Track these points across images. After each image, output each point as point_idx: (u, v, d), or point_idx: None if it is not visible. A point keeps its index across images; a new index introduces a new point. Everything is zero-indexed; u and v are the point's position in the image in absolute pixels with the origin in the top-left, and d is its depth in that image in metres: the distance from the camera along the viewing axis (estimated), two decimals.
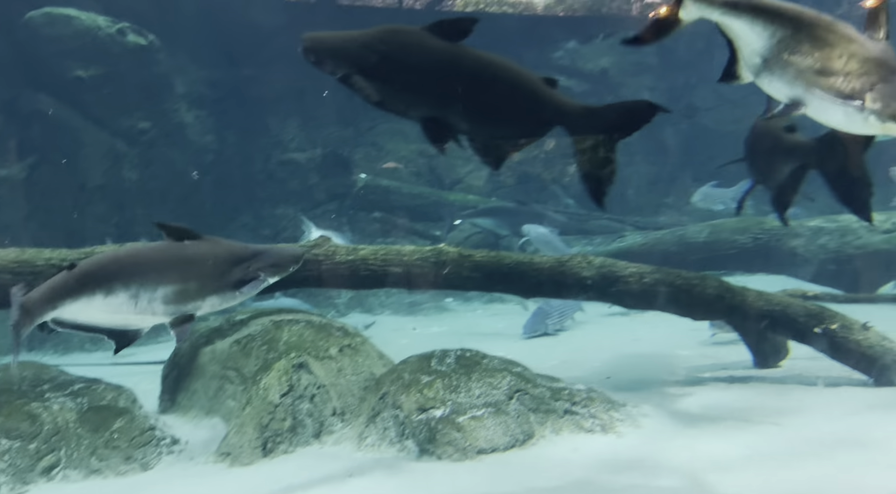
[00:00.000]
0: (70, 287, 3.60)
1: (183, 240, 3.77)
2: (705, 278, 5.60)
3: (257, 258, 3.86)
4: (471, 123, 3.70)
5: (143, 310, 3.64)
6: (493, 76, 3.65)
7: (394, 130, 13.92)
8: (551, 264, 5.87)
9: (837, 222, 8.85)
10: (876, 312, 6.58)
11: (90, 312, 3.65)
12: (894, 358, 4.87)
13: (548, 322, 8.20)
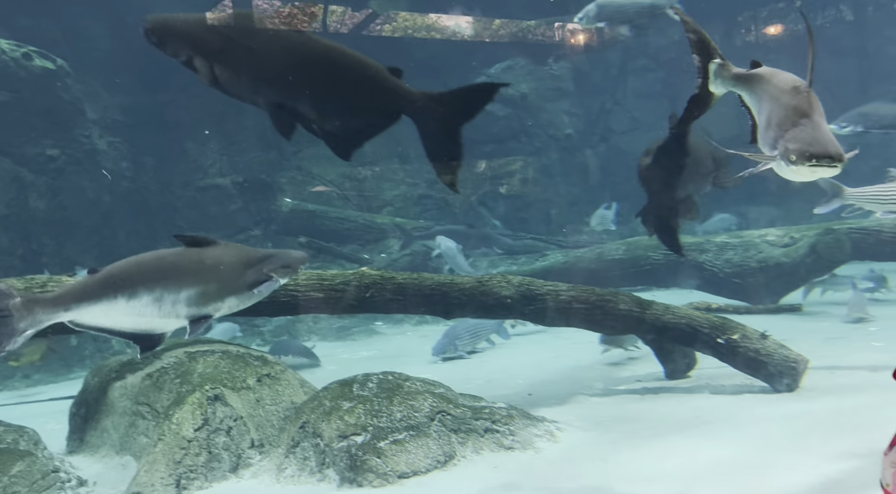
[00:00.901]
0: (92, 290, 3.72)
1: (200, 246, 3.95)
2: (617, 294, 5.79)
3: (269, 260, 4.06)
4: (317, 112, 3.69)
5: (167, 313, 3.78)
6: (338, 64, 3.66)
7: (319, 154, 13.83)
8: (472, 284, 5.93)
9: (741, 237, 9.32)
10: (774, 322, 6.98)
11: (113, 316, 3.77)
12: (791, 365, 5.14)
13: (457, 343, 8.14)
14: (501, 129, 14.64)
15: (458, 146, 3.82)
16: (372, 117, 3.80)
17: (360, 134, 3.85)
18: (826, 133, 3.36)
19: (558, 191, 14.49)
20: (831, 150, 3.29)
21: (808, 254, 8.48)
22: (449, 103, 3.85)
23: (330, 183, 13.40)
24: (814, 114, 3.45)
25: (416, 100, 3.80)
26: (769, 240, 9.10)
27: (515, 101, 14.62)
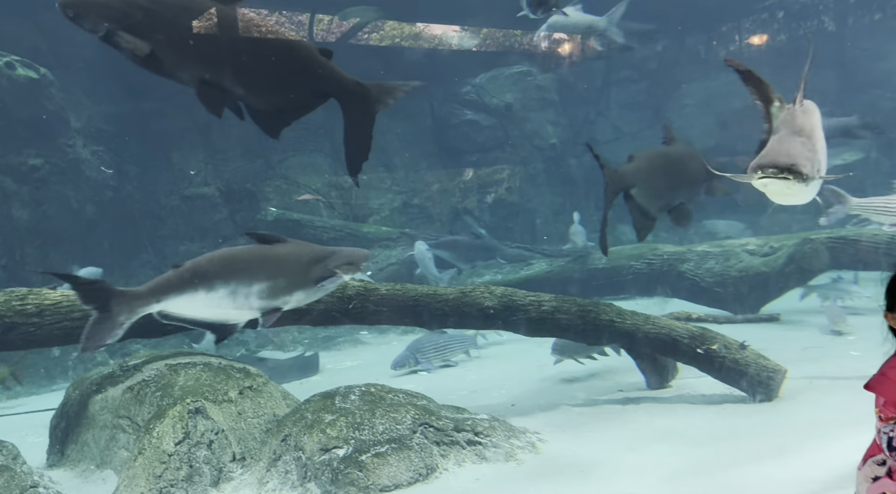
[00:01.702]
0: (175, 283, 4.04)
1: (270, 244, 4.27)
2: (598, 305, 5.84)
3: (334, 257, 4.35)
4: (245, 89, 3.68)
5: (241, 305, 4.10)
6: (267, 41, 3.66)
7: (305, 163, 13.84)
8: (455, 295, 5.97)
9: (722, 246, 9.43)
10: (753, 331, 7.05)
11: (194, 307, 4.10)
12: (769, 375, 5.21)
13: (419, 356, 7.97)
14: (486, 139, 14.71)
15: (370, 137, 3.91)
16: (301, 96, 3.81)
17: (290, 113, 3.86)
18: (788, 145, 3.42)
19: (543, 201, 14.58)
20: (779, 161, 3.34)
21: (787, 264, 8.59)
22: (373, 92, 3.91)
23: (315, 191, 13.40)
24: (792, 128, 3.53)
25: (347, 85, 3.84)
26: (749, 250, 9.21)
27: (500, 111, 14.72)
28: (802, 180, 3.44)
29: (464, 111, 14.74)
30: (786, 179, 3.39)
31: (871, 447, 2.24)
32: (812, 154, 3.57)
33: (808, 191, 3.66)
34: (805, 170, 3.44)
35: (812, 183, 3.58)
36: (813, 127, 3.74)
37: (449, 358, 8.23)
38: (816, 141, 3.72)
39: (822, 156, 3.75)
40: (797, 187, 3.45)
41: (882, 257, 8.37)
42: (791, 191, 3.52)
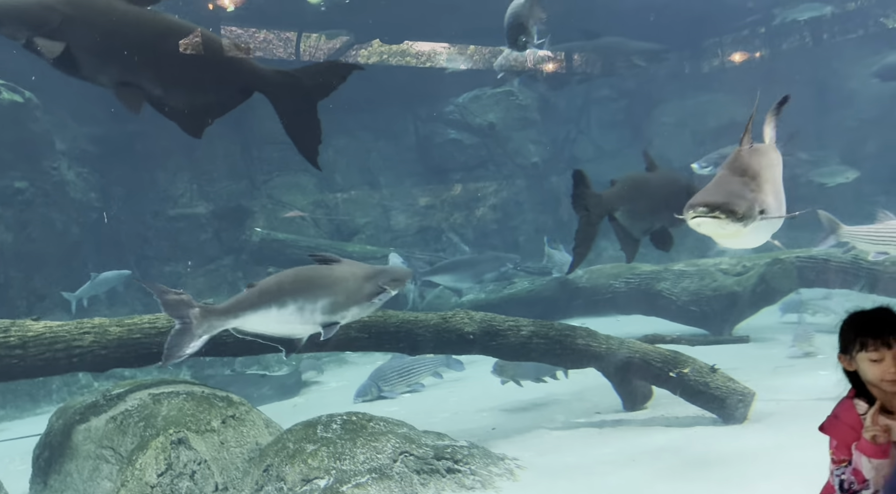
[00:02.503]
0: (250, 301, 4.36)
1: (329, 264, 4.71)
2: (575, 329, 5.99)
3: (382, 274, 4.78)
4: (164, 89, 3.71)
5: (306, 320, 4.45)
6: (182, 40, 3.69)
7: (290, 183, 13.95)
8: (436, 321, 6.09)
9: (697, 266, 9.63)
10: (725, 351, 7.22)
11: (266, 323, 4.41)
12: (739, 398, 5.37)
13: (381, 384, 7.89)
14: (469, 158, 14.90)
15: (316, 122, 3.95)
16: (221, 94, 3.86)
17: (210, 111, 3.91)
18: (724, 185, 3.48)
19: (526, 218, 14.77)
20: (709, 200, 3.36)
21: (759, 283, 8.82)
22: (304, 80, 3.96)
23: (302, 210, 13.50)
24: (734, 169, 3.63)
25: (269, 78, 3.89)
26: (723, 269, 9.42)
27: (483, 130, 14.93)
28: (737, 220, 3.32)
29: (447, 130, 14.93)
30: (717, 219, 3.31)
31: (826, 487, 2.31)
32: (754, 195, 3.48)
33: (749, 233, 3.55)
34: (739, 209, 3.34)
35: (754, 224, 3.48)
36: (761, 168, 3.65)
37: (415, 381, 8.13)
38: (765, 182, 3.64)
39: (772, 198, 3.66)
40: (732, 227, 3.35)
41: (848, 277, 8.61)
42: (727, 232, 3.41)
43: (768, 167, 3.77)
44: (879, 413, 2.20)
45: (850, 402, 2.27)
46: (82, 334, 5.35)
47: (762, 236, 3.87)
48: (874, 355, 2.17)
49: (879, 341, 2.16)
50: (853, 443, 2.23)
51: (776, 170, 3.89)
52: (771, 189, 3.71)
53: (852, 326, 2.23)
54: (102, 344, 5.33)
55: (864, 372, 2.20)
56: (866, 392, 2.24)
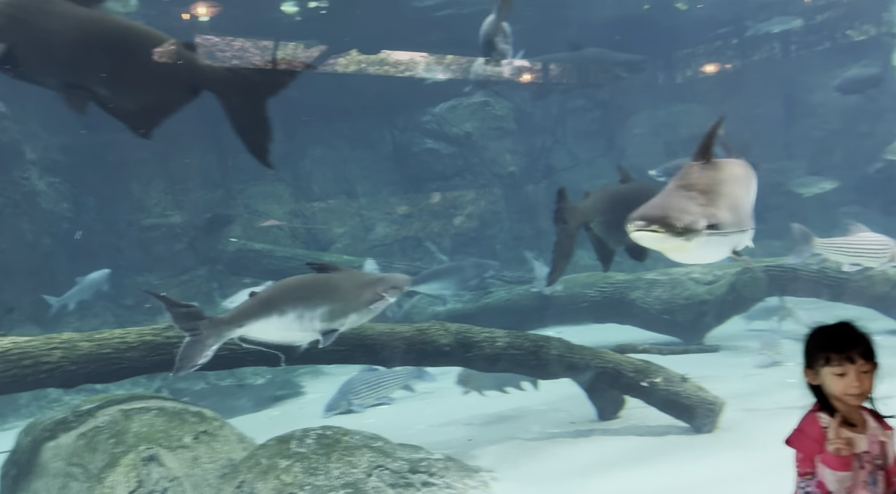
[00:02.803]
0: (253, 310, 4.52)
1: (327, 272, 4.88)
2: (549, 340, 6.04)
3: (381, 282, 4.93)
4: (111, 90, 3.67)
5: (306, 328, 4.62)
6: (130, 42, 3.63)
7: (266, 192, 13.88)
8: (412, 333, 6.10)
9: (669, 275, 9.76)
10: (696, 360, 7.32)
11: (269, 331, 4.56)
12: (708, 407, 5.46)
13: (351, 398, 7.82)
14: (446, 167, 14.96)
15: (266, 120, 3.95)
16: (169, 93, 3.82)
17: (159, 110, 3.86)
18: (667, 199, 3.44)
19: (503, 227, 14.85)
20: (648, 213, 3.32)
21: (729, 292, 8.98)
22: (253, 78, 3.96)
23: (278, 219, 13.43)
24: (682, 183, 3.63)
25: (217, 75, 3.86)
26: (694, 278, 9.57)
27: (460, 140, 15.01)
28: (677, 234, 3.28)
29: (424, 140, 14.99)
30: (656, 233, 3.29)
31: None
32: (701, 209, 3.42)
33: (697, 248, 3.47)
34: (677, 223, 3.29)
35: (701, 239, 3.40)
36: (715, 182, 3.61)
37: (385, 395, 8.05)
38: (719, 196, 3.58)
39: (727, 213, 3.60)
40: (675, 242, 3.31)
41: (816, 286, 8.80)
42: (669, 246, 3.37)
43: (726, 182, 3.73)
44: (841, 427, 2.27)
45: (814, 415, 2.32)
46: (51, 349, 5.28)
47: (717, 251, 3.78)
48: (838, 369, 2.23)
49: (843, 356, 2.23)
50: (817, 456, 2.29)
51: (737, 186, 3.85)
52: (727, 204, 3.62)
53: (816, 342, 2.29)
54: (72, 359, 5.27)
55: (828, 386, 2.26)
56: (829, 405, 2.30)
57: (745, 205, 3.88)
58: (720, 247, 3.71)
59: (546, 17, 13.88)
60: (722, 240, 3.61)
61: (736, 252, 3.92)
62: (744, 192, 3.93)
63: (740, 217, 3.76)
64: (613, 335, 9.47)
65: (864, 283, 8.55)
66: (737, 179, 3.92)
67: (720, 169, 3.81)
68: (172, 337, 5.54)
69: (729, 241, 3.71)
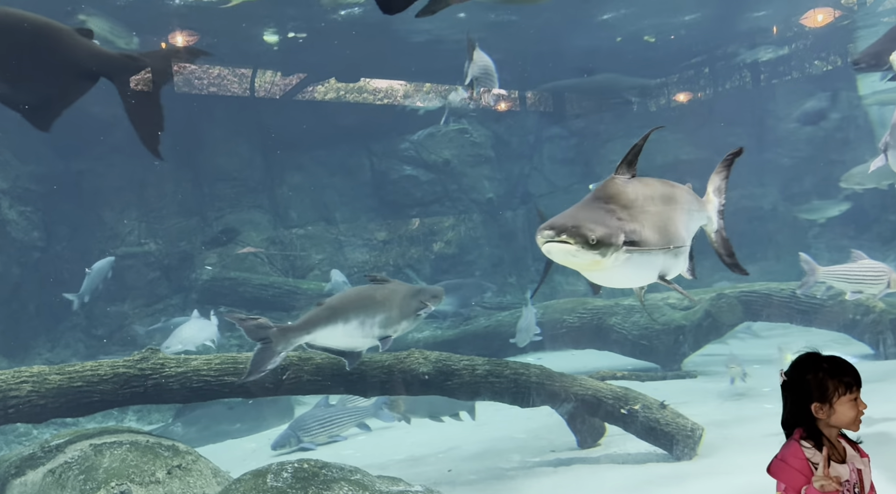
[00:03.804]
0: (320, 318, 4.86)
1: (381, 283, 5.30)
2: (528, 367, 6.02)
3: (423, 292, 5.39)
4: (4, 81, 3.53)
5: (367, 334, 4.99)
6: (19, 30, 3.52)
7: (242, 220, 13.78)
8: (390, 362, 6.04)
9: (647, 300, 9.84)
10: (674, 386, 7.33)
11: (334, 337, 4.90)
12: (687, 434, 5.47)
13: (300, 434, 7.50)
14: (425, 194, 15.02)
15: (159, 108, 3.87)
16: (65, 81, 3.72)
17: (57, 101, 3.77)
18: (579, 211, 3.14)
19: (482, 253, 14.89)
20: (556, 222, 3.02)
21: (705, 318, 9.07)
22: (149, 64, 3.86)
23: (256, 246, 13.32)
24: (597, 195, 3.26)
25: (113, 62, 3.78)
26: (670, 303, 9.66)
27: (438, 167, 15.10)
28: (590, 248, 2.98)
29: (403, 166, 15.06)
30: (566, 244, 2.98)
31: None
32: (620, 223, 3.12)
33: (617, 266, 3.13)
34: (591, 234, 2.98)
35: (620, 256, 3.09)
36: (639, 198, 3.28)
37: (338, 433, 7.76)
38: (642, 213, 3.25)
39: (650, 231, 3.26)
40: (587, 256, 3.00)
41: (789, 311, 8.94)
42: (583, 261, 3.04)
43: (654, 200, 3.37)
44: (828, 459, 2.27)
45: (797, 445, 2.31)
46: (20, 383, 5.15)
47: (639, 274, 3.39)
48: (856, 394, 2.26)
49: (856, 383, 2.27)
50: (801, 487, 2.28)
51: (669, 207, 3.46)
52: (651, 222, 3.28)
53: (830, 372, 2.27)
54: (41, 393, 5.14)
55: (843, 414, 2.26)
56: (815, 434, 2.30)
57: (677, 228, 3.46)
58: (643, 270, 3.33)
59: (521, 50, 14.16)
60: (645, 261, 3.26)
61: (664, 278, 3.50)
62: (677, 215, 3.51)
63: (669, 239, 3.36)
64: (592, 361, 9.49)
65: (835, 309, 8.71)
66: (669, 199, 3.52)
67: (648, 185, 3.44)
68: (146, 369, 5.44)
69: (653, 264, 3.35)
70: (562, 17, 13.02)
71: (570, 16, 12.97)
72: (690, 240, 3.73)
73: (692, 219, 3.76)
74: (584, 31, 13.83)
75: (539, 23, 13.47)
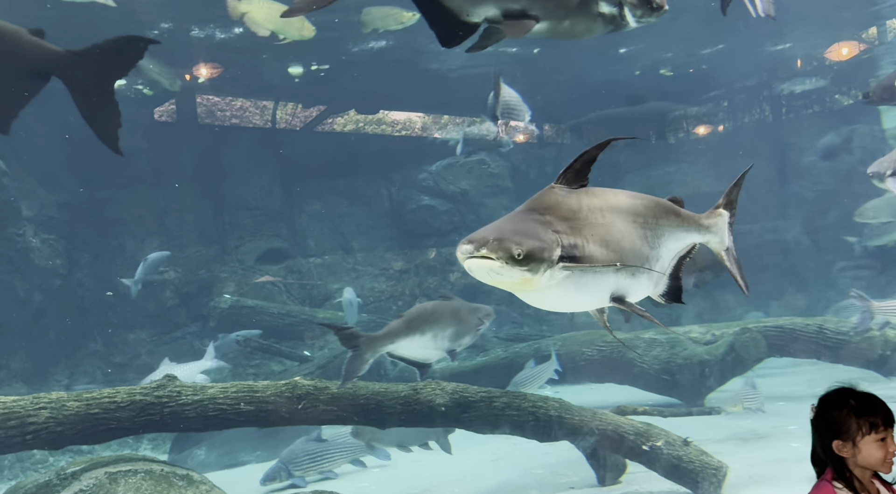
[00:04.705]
0: (402, 329, 5.27)
1: (448, 300, 5.76)
2: (547, 400, 5.91)
3: (479, 310, 5.79)
4: None
5: (438, 346, 5.37)
6: None
7: (262, 248, 13.88)
8: (407, 393, 5.95)
9: (667, 334, 9.67)
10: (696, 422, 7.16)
11: (411, 348, 5.28)
12: (712, 472, 5.31)
13: (291, 468, 7.21)
14: (443, 224, 15.05)
15: (114, 104, 3.70)
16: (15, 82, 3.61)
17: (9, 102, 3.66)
18: (508, 223, 2.75)
19: None
20: (474, 235, 2.66)
21: (728, 352, 8.88)
22: (99, 59, 3.69)
23: (273, 275, 13.37)
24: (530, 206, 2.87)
25: (62, 59, 3.60)
26: (693, 337, 9.48)
27: (456, 197, 15.16)
28: (516, 263, 2.55)
29: (421, 196, 15.13)
30: (488, 260, 2.55)
31: None
32: (556, 237, 2.71)
33: (553, 285, 2.71)
34: (517, 249, 2.56)
35: (556, 274, 2.67)
36: (582, 210, 2.86)
37: (329, 469, 7.43)
38: (586, 226, 2.82)
39: (595, 247, 2.82)
40: (514, 273, 2.57)
41: (815, 347, 8.73)
42: (509, 280, 2.62)
43: (603, 212, 2.93)
44: None
45: (829, 486, 2.23)
46: (38, 409, 5.14)
47: (585, 294, 2.90)
48: (883, 434, 2.16)
49: (886, 422, 2.17)
50: None
51: (621, 220, 2.98)
52: (599, 236, 2.85)
53: (855, 410, 2.19)
54: (59, 419, 5.12)
55: (869, 454, 2.17)
56: (844, 474, 2.21)
57: (635, 245, 3.00)
58: (588, 291, 2.87)
59: (543, 81, 14.28)
60: (590, 281, 2.82)
61: (620, 299, 2.99)
62: (637, 230, 3.03)
63: (622, 256, 2.90)
64: (612, 395, 9.31)
65: (863, 345, 8.50)
66: (628, 212, 3.04)
67: (598, 196, 2.98)
68: (163, 396, 5.42)
69: (601, 284, 2.89)
70: (581, 50, 13.14)
71: (590, 48, 13.09)
72: (669, 259, 3.26)
73: (670, 236, 3.24)
74: (602, 63, 13.94)
75: (559, 55, 13.61)
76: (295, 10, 2.86)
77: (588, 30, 3.31)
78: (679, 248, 3.40)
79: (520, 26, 2.97)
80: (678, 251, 3.40)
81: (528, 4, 3.01)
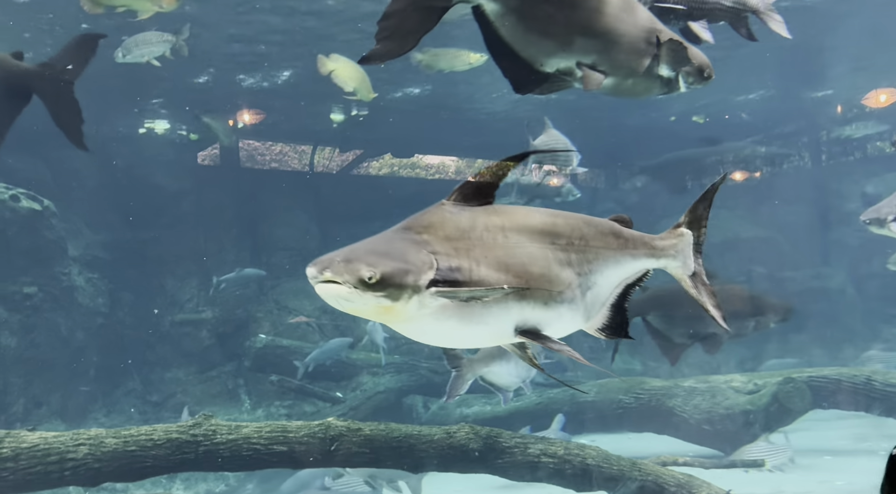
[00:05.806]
0: (495, 355, 5.78)
1: None
2: (584, 448, 5.78)
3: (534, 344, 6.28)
4: None
5: (518, 374, 6.05)
6: None
7: (297, 289, 14.03)
8: (440, 436, 5.89)
9: (708, 382, 9.40)
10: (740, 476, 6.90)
11: (498, 373, 5.86)
12: None
13: None
14: None
15: (75, 103, 3.85)
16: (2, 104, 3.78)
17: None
18: (372, 243, 2.36)
19: None
20: (322, 257, 2.31)
21: (772, 403, 8.57)
22: (60, 66, 3.91)
23: (308, 316, 13.47)
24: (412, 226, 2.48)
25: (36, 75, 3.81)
26: (734, 387, 9.19)
27: None
28: (366, 288, 2.18)
29: None
30: (333, 284, 2.19)
31: None
32: (431, 258, 2.30)
33: (419, 315, 2.30)
34: (366, 272, 2.18)
35: (429, 302, 2.26)
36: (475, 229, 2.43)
37: None
38: (477, 248, 2.39)
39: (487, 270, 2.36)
40: (365, 299, 2.20)
41: (863, 398, 8.39)
42: (359, 306, 2.23)
43: (505, 231, 2.47)
44: None
45: None
46: (77, 445, 5.21)
47: (472, 326, 2.39)
48: None
49: None
50: None
51: (534, 242, 2.51)
52: (495, 259, 2.40)
53: None
54: (97, 456, 5.17)
55: None
56: None
57: (542, 270, 2.50)
58: (478, 322, 2.39)
59: (579, 126, 14.39)
60: (477, 311, 2.36)
61: (532, 333, 2.47)
62: (553, 253, 2.55)
63: (526, 282, 2.43)
64: (651, 445, 9.02)
65: None
66: (540, 233, 2.55)
67: (500, 214, 2.51)
68: (198, 435, 5.45)
69: (496, 314, 2.40)
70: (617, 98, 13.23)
71: None
72: (608, 287, 2.77)
73: (608, 260, 2.74)
74: (635, 109, 14.01)
75: (595, 101, 13.73)
76: (372, 58, 2.87)
77: (646, 90, 3.40)
78: (624, 275, 2.83)
79: (592, 79, 3.06)
80: (622, 278, 2.83)
81: (598, 60, 3.10)
